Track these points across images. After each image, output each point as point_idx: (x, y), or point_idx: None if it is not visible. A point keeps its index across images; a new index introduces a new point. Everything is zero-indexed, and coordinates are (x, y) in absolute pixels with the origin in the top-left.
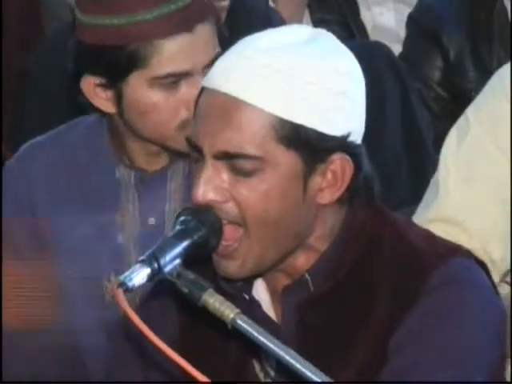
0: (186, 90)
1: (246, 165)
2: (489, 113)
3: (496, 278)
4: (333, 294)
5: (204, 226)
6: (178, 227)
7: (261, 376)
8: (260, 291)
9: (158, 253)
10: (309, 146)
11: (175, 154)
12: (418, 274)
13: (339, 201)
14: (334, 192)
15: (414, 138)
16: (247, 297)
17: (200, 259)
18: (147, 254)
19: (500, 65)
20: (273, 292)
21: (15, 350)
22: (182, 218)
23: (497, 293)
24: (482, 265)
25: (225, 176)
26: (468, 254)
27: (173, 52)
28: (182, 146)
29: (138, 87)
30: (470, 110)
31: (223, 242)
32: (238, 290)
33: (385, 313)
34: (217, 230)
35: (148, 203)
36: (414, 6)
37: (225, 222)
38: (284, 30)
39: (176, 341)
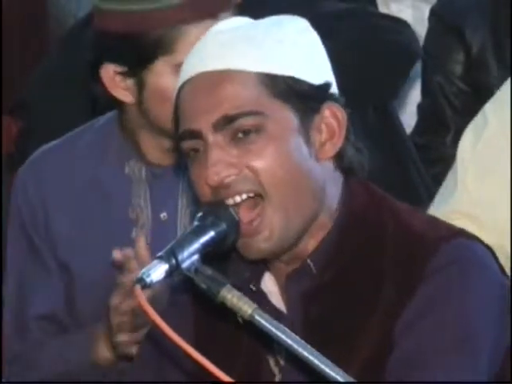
0: None
1: (248, 122)
2: (506, 110)
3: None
4: (338, 282)
5: (222, 221)
6: (195, 223)
7: (275, 370)
8: (269, 284)
9: (176, 249)
10: (300, 95)
11: None
12: (422, 256)
13: (336, 167)
14: (336, 143)
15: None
16: (254, 288)
17: (218, 255)
18: (165, 249)
19: None
20: (280, 284)
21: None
22: (199, 214)
23: (504, 274)
24: (486, 247)
25: (231, 150)
26: (471, 236)
27: (198, 38)
28: None
29: (162, 74)
30: (488, 107)
31: (244, 223)
32: (245, 282)
33: (391, 297)
34: (235, 226)
35: (160, 198)
36: (431, 2)
37: (239, 200)
38: (231, 19)
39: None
